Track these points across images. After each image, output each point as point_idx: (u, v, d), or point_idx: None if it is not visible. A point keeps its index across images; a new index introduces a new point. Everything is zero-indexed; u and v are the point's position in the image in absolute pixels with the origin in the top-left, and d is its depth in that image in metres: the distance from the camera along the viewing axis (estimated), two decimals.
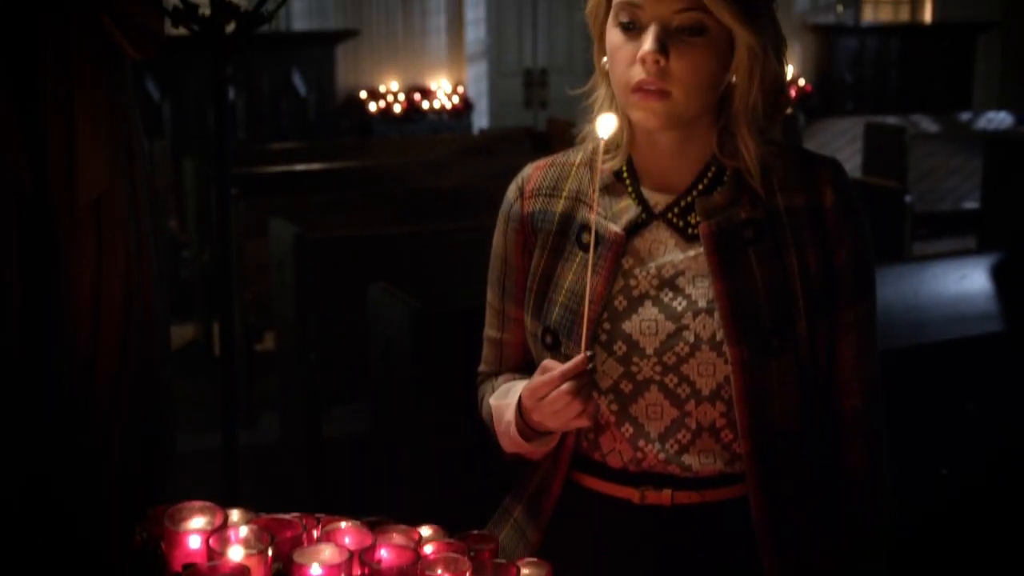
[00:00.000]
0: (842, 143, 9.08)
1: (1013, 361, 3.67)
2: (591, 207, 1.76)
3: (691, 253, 1.74)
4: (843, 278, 1.74)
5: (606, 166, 1.79)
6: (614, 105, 1.76)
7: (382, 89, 10.43)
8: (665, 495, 1.75)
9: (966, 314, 4.50)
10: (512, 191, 1.87)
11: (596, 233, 1.73)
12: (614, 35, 1.70)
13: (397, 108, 10.28)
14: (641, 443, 1.74)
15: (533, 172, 1.86)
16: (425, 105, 10.39)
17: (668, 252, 1.75)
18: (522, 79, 11.34)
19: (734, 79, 1.70)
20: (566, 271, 1.79)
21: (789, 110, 1.81)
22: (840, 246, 1.73)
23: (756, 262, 1.71)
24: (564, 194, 1.82)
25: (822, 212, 1.73)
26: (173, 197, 7.23)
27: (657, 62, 1.64)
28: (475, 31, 10.78)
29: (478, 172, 6.94)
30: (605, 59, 1.74)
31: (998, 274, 4.62)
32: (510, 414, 1.78)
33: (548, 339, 1.78)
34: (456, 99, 10.55)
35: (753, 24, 1.66)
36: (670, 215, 1.76)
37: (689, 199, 1.76)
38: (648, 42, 1.64)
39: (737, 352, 1.68)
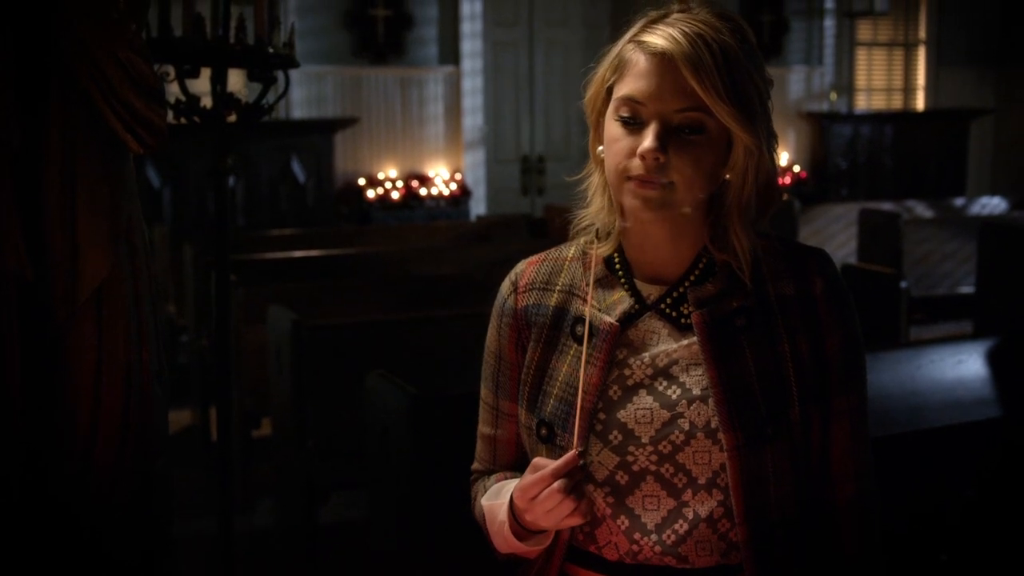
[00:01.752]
0: (837, 229, 9.14)
1: (1011, 446, 3.66)
2: (585, 300, 1.79)
3: (684, 342, 1.75)
4: (834, 365, 1.76)
5: (598, 256, 1.82)
6: (607, 193, 1.78)
7: (380, 176, 10.50)
8: None
9: (963, 399, 4.50)
10: (506, 287, 1.88)
11: (590, 324, 1.76)
12: (613, 127, 1.71)
13: (395, 195, 10.34)
14: (637, 535, 1.73)
15: (526, 268, 1.87)
16: (423, 192, 10.46)
17: (662, 342, 1.76)
18: (519, 166, 11.43)
19: (728, 176, 1.73)
20: (560, 363, 1.79)
21: (784, 197, 1.85)
22: (830, 334, 1.75)
23: (749, 350, 1.73)
24: (557, 288, 1.83)
25: (812, 301, 1.75)
26: (172, 282, 7.26)
27: (657, 159, 1.66)
28: (473, 119, 10.88)
29: (475, 259, 6.98)
30: (601, 148, 1.76)
31: (994, 359, 4.63)
32: (503, 514, 1.77)
33: (543, 431, 1.78)
34: (454, 186, 10.62)
35: (751, 125, 1.69)
36: (663, 306, 1.78)
37: (681, 289, 1.77)
38: (649, 139, 1.66)
39: (732, 439, 1.68)
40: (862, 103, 12.76)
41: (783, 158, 11.93)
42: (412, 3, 10.59)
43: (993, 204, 10.24)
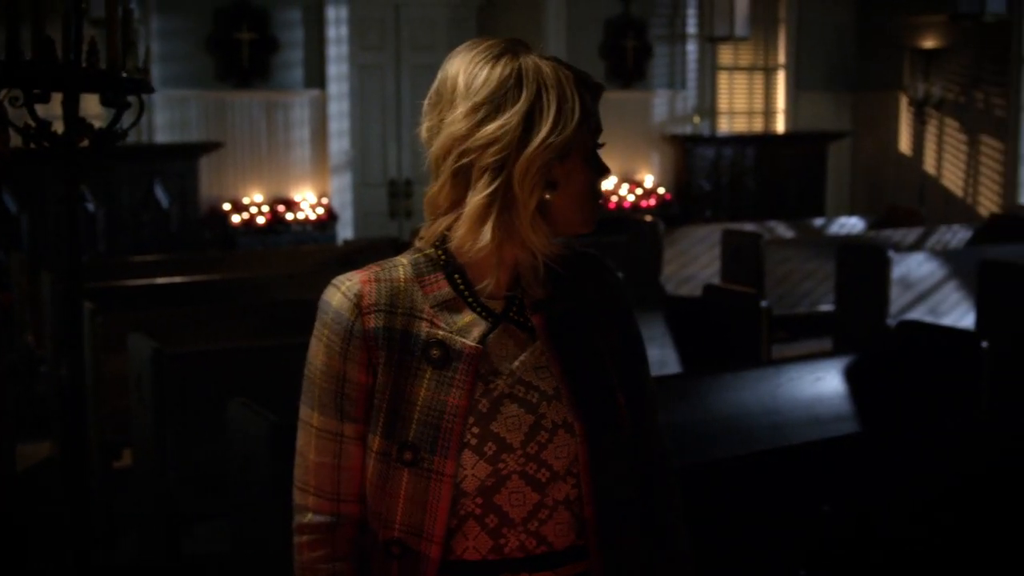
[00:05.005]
0: (701, 250, 9.27)
1: (867, 462, 3.74)
2: (431, 322, 1.81)
3: (530, 347, 1.85)
4: (632, 350, 1.96)
5: (442, 285, 1.84)
6: (499, 228, 1.77)
7: (246, 201, 10.40)
8: None
9: (822, 416, 4.59)
10: (345, 307, 1.82)
11: (447, 348, 1.79)
12: (586, 169, 1.81)
13: (261, 220, 10.24)
14: (504, 530, 1.81)
15: (363, 287, 1.83)
16: (289, 216, 10.38)
17: (514, 350, 1.84)
18: (387, 190, 11.41)
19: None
20: (416, 387, 1.80)
21: (648, 218, 1.94)
22: (623, 323, 1.96)
23: (580, 346, 1.87)
24: (400, 311, 1.82)
25: (607, 296, 1.94)
26: (30, 310, 7.08)
27: None
28: (339, 142, 10.84)
29: None
30: (550, 195, 1.79)
31: (851, 375, 4.73)
32: None
33: (407, 455, 1.78)
34: (320, 210, 10.56)
35: None
36: (511, 315, 1.85)
37: (519, 298, 1.86)
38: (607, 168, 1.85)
39: (582, 427, 1.81)
40: (724, 126, 13.00)
41: (647, 180, 12.09)
42: (277, 27, 10.53)
43: (851, 224, 10.49)
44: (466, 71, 1.77)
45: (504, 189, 1.75)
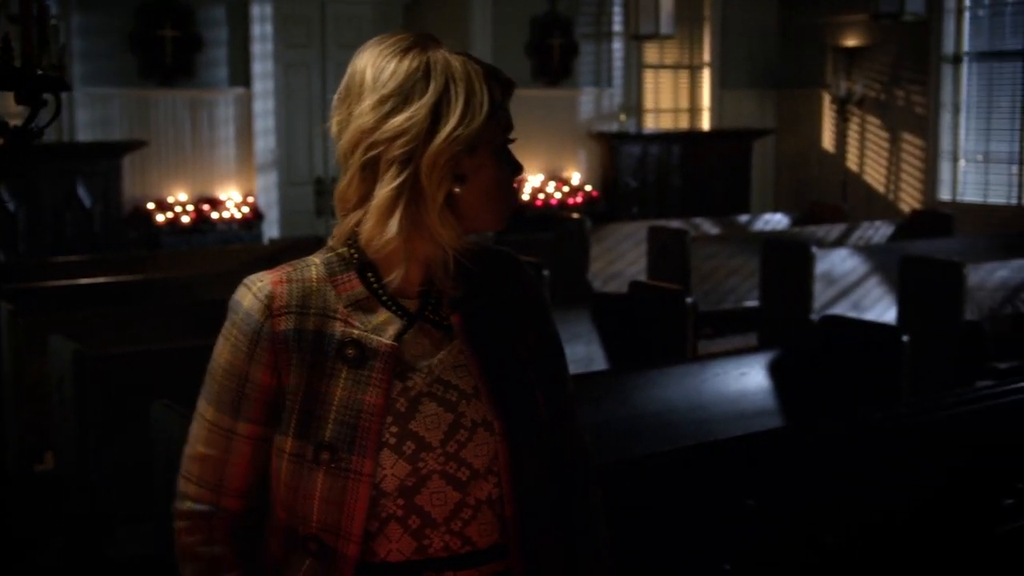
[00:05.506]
0: (628, 247, 9.31)
1: (791, 456, 3.78)
2: (345, 322, 1.81)
3: (448, 346, 1.85)
4: (550, 348, 1.97)
5: (355, 284, 1.83)
6: (407, 221, 1.77)
7: (170, 200, 10.30)
8: None
9: (746, 411, 4.64)
10: (256, 308, 1.80)
11: (363, 347, 1.79)
12: (497, 162, 1.82)
13: (186, 219, 10.15)
14: (428, 531, 1.80)
15: (275, 288, 1.82)
16: (214, 216, 10.29)
17: (430, 348, 1.84)
18: (313, 188, 11.35)
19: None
20: (332, 387, 1.79)
21: (576, 215, 1.94)
22: (539, 321, 1.96)
23: (498, 344, 1.87)
24: (312, 311, 1.81)
25: (523, 295, 1.95)
26: None
27: None
28: (265, 141, 10.76)
29: None
30: (458, 189, 1.79)
31: (775, 370, 4.78)
32: None
33: (324, 456, 1.77)
34: (246, 209, 10.48)
35: None
36: (427, 314, 1.85)
37: (435, 297, 1.86)
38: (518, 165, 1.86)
39: (502, 426, 1.82)
40: (650, 124, 13.08)
41: (574, 178, 12.14)
42: (201, 24, 10.44)
43: (776, 220, 10.59)
44: (374, 64, 1.77)
45: (412, 181, 1.74)
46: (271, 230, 10.74)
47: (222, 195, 10.54)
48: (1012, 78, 11.58)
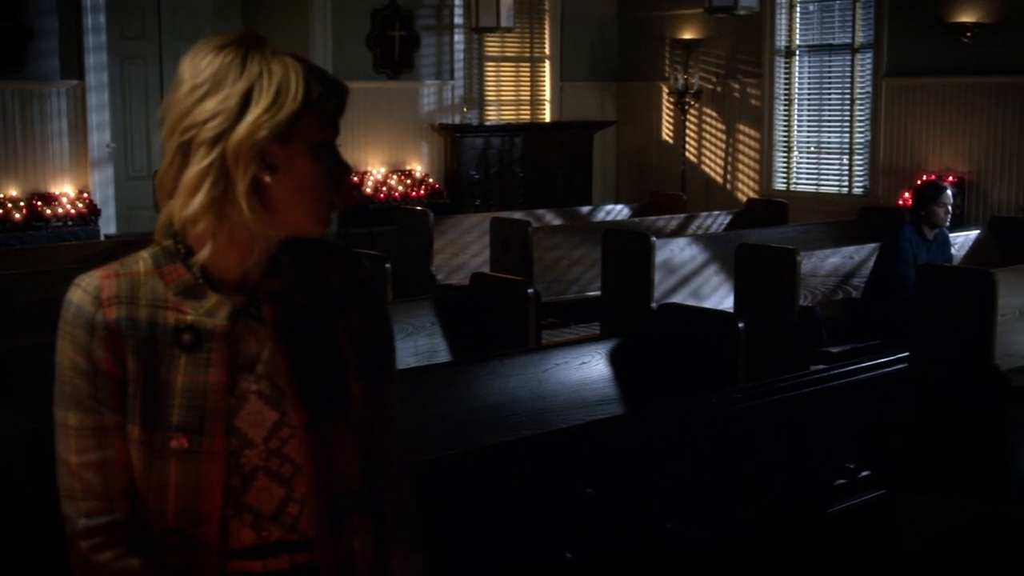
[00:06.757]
0: (471, 239, 9.34)
1: (628, 443, 3.84)
2: (176, 310, 1.82)
3: (269, 341, 1.86)
4: (377, 341, 1.99)
5: (180, 271, 1.84)
6: (212, 201, 1.78)
7: (0, 196, 9.99)
8: (284, 560, 1.87)
9: (588, 399, 4.69)
10: (86, 301, 1.81)
11: (196, 331, 1.81)
12: (314, 161, 1.81)
13: (17, 215, 9.86)
14: (263, 523, 1.85)
15: (103, 282, 1.83)
16: (48, 212, 10.02)
17: (255, 345, 1.85)
18: (151, 183, 11.10)
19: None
20: (172, 374, 1.80)
21: (419, 208, 1.95)
22: (371, 314, 1.98)
23: (312, 338, 1.89)
24: (142, 303, 1.82)
25: (354, 289, 1.96)
26: None
27: None
28: (100, 135, 10.52)
29: None
30: (268, 178, 1.79)
31: (616, 359, 4.84)
32: None
33: (178, 442, 1.79)
34: (81, 205, 10.23)
35: None
36: (251, 309, 1.86)
37: (258, 290, 1.86)
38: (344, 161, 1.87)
39: (299, 417, 1.84)
40: (492, 116, 13.14)
41: (417, 170, 12.13)
42: (31, 14, 10.15)
43: (617, 211, 10.71)
44: (194, 57, 1.80)
45: (219, 162, 1.76)
46: (108, 226, 10.51)
47: (56, 191, 10.27)
48: (842, 71, 11.93)
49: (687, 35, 13.06)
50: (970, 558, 3.81)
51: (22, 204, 9.97)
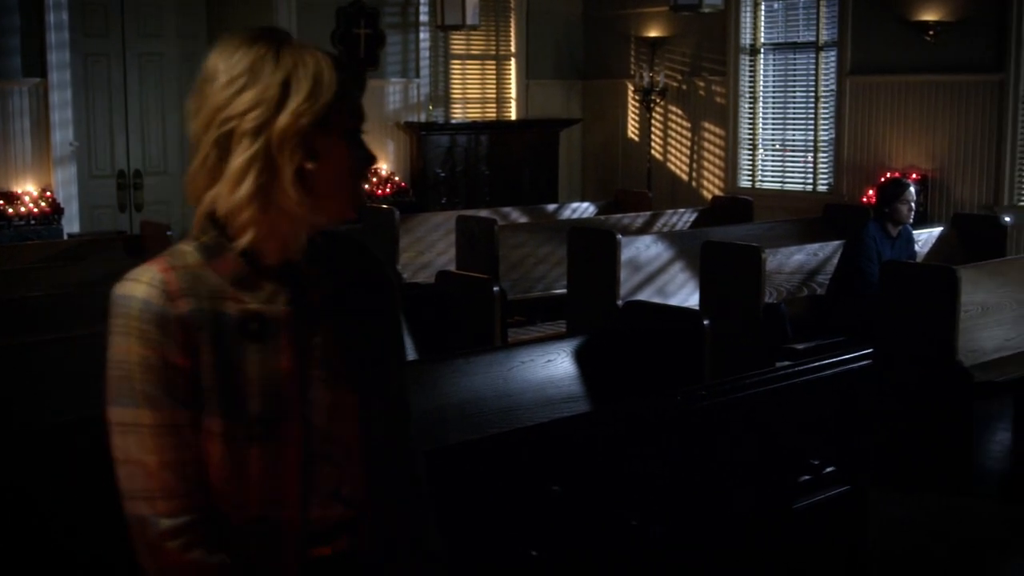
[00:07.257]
0: (437, 237, 9.33)
1: (593, 441, 3.84)
2: (237, 300, 1.83)
3: (321, 326, 1.89)
4: (392, 337, 2.03)
5: (233, 262, 1.85)
6: (258, 190, 1.80)
7: None
8: (343, 541, 1.92)
9: (553, 397, 4.69)
10: (153, 295, 1.80)
11: (267, 319, 1.83)
12: (350, 149, 1.87)
13: None
14: (329, 504, 1.89)
15: (166, 276, 1.82)
16: (10, 211, 9.94)
17: (309, 329, 1.88)
18: (115, 182, 11.06)
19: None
20: (246, 363, 1.82)
21: (384, 206, 2.00)
22: (386, 309, 2.02)
23: (355, 321, 1.94)
24: (204, 294, 1.82)
25: (372, 281, 2.01)
26: None
27: None
28: (62, 133, 10.43)
29: (68, 280, 6.69)
30: (311, 165, 1.82)
31: (581, 356, 4.85)
32: None
33: (259, 430, 1.81)
34: (44, 204, 10.15)
35: None
36: (304, 295, 1.89)
37: (300, 277, 1.89)
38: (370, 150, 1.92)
39: (358, 401, 1.91)
40: (458, 114, 13.13)
41: (382, 168, 12.10)
42: None
43: (583, 208, 10.72)
44: (224, 51, 1.82)
45: (263, 152, 1.78)
46: (71, 225, 10.42)
47: (18, 189, 10.18)
48: (806, 69, 11.97)
49: (652, 33, 13.08)
50: (937, 551, 3.84)
51: None
